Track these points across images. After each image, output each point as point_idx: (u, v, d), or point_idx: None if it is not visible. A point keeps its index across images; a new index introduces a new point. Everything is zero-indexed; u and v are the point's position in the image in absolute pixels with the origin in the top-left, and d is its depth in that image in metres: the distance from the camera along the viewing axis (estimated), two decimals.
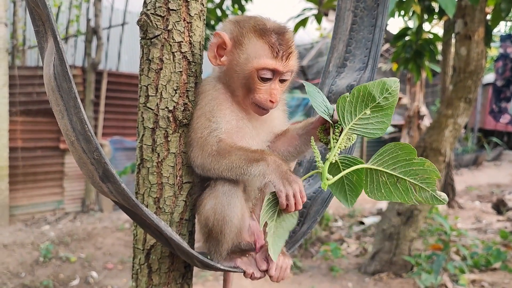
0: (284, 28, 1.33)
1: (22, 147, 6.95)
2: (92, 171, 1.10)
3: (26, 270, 5.02)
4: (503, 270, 4.97)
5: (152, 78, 1.32)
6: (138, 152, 1.38)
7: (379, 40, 1.66)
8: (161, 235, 1.21)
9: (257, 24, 1.30)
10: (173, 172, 1.35)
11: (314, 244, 6.04)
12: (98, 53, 7.36)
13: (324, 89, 1.70)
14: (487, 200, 9.14)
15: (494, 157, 15.23)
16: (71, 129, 1.06)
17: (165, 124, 1.33)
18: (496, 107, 7.54)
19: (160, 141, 1.34)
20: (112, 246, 5.99)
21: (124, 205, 1.15)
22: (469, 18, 4.44)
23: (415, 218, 4.87)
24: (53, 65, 1.09)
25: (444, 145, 4.77)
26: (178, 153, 1.36)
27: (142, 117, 1.35)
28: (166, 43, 1.30)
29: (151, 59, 1.31)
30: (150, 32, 1.29)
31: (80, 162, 1.13)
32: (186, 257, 1.28)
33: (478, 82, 4.68)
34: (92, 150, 1.05)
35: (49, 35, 1.11)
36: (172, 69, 1.32)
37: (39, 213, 7.22)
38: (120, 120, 8.07)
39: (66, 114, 1.07)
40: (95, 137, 1.04)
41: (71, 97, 1.04)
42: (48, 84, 1.12)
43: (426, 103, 11.98)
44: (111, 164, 4.44)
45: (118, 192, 1.10)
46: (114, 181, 1.08)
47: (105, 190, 1.13)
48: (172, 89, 1.32)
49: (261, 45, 1.27)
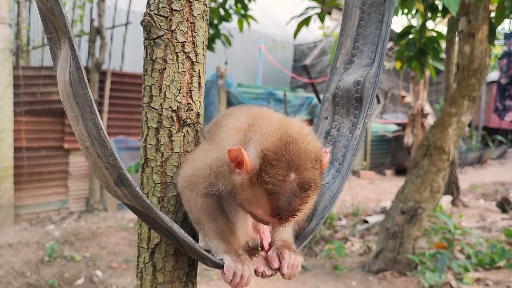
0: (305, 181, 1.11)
1: (27, 147, 6.99)
2: (106, 176, 1.11)
3: (31, 269, 5.05)
4: (507, 269, 4.96)
5: (156, 78, 1.33)
6: (142, 152, 1.39)
7: (386, 36, 1.67)
8: (172, 237, 1.22)
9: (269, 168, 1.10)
10: (177, 171, 1.37)
11: (318, 243, 6.04)
12: (101, 53, 7.38)
13: (331, 85, 1.71)
14: (491, 199, 9.12)
15: (499, 155, 15.18)
16: (86, 134, 1.08)
17: (169, 123, 1.34)
18: (501, 105, 7.51)
19: (164, 140, 1.35)
20: (116, 245, 6.01)
21: (137, 208, 1.16)
22: (472, 16, 4.42)
23: (419, 217, 4.86)
24: (68, 71, 1.11)
25: (448, 143, 4.76)
26: (182, 152, 1.37)
27: (146, 117, 1.36)
28: (169, 44, 1.31)
29: (154, 59, 1.32)
30: (154, 32, 1.30)
31: (95, 167, 1.14)
32: (198, 257, 1.29)
33: (482, 80, 4.66)
34: (108, 155, 1.07)
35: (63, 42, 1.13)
36: (175, 69, 1.33)
37: (44, 212, 7.26)
38: (124, 119, 8.09)
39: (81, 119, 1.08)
40: (111, 142, 1.06)
41: (87, 103, 1.06)
42: (63, 91, 1.14)
43: (430, 101, 11.94)
44: None
45: (132, 196, 1.11)
46: (129, 185, 1.09)
47: (119, 194, 1.14)
48: (175, 89, 1.33)
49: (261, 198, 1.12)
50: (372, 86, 1.59)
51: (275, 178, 1.08)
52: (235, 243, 1.27)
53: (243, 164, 1.12)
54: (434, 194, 4.87)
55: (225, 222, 1.28)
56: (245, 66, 13.48)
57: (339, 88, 1.69)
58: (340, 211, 7.88)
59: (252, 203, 1.15)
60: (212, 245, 1.28)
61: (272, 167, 1.09)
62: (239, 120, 1.28)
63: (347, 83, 1.67)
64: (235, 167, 1.15)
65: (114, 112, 7.90)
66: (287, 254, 1.30)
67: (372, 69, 1.64)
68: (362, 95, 1.63)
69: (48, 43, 1.21)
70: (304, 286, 4.68)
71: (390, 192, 9.43)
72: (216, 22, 6.10)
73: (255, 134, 1.18)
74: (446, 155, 4.80)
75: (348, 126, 1.66)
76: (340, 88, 1.68)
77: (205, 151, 1.30)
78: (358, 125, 1.63)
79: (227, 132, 1.27)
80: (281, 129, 1.15)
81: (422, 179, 4.85)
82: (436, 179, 4.83)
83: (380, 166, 13.08)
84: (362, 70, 1.67)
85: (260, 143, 1.13)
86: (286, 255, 1.29)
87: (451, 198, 8.19)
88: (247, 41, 13.13)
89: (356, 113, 1.66)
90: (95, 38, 7.49)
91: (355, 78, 1.66)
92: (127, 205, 1.20)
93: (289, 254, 1.30)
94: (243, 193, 1.16)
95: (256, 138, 1.16)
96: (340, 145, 1.65)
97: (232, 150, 1.12)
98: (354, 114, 1.66)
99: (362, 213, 7.69)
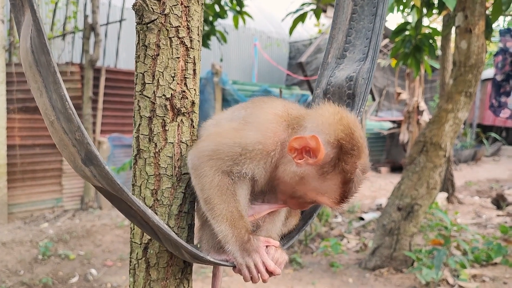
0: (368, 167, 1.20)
1: (20, 145, 6.91)
2: (74, 154, 1.02)
3: (25, 267, 4.99)
4: (504, 265, 4.96)
5: (149, 65, 1.27)
6: (134, 143, 1.33)
7: (380, 30, 1.62)
8: (147, 225, 1.15)
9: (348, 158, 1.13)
10: (171, 162, 1.31)
11: (314, 240, 6.01)
12: (96, 50, 7.31)
13: (322, 81, 1.66)
14: (486, 195, 9.14)
15: (493, 153, 15.25)
16: (51, 107, 0.99)
17: (163, 112, 1.28)
18: (496, 102, 7.51)
19: (158, 130, 1.29)
20: (111, 243, 5.96)
21: (109, 190, 1.08)
22: (469, 11, 4.41)
23: (416, 213, 4.85)
24: (30, 37, 1.01)
25: (444, 139, 4.75)
26: (177, 143, 1.31)
27: (139, 105, 1.30)
28: (163, 28, 1.25)
29: (147, 45, 1.26)
30: (146, 16, 1.24)
31: (61, 145, 1.05)
32: (174, 248, 1.22)
33: (479, 76, 4.65)
34: (74, 130, 0.97)
35: (26, 7, 1.02)
36: (169, 55, 1.27)
37: (38, 210, 7.19)
38: (119, 117, 8.02)
39: (45, 91, 0.99)
40: (77, 115, 0.96)
41: (50, 72, 0.95)
42: (25, 59, 1.05)
43: (425, 99, 11.96)
44: (110, 161, 4.42)
45: (102, 176, 1.03)
46: (97, 164, 1.00)
47: (88, 175, 1.05)
48: (169, 76, 1.28)
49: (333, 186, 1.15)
50: (366, 82, 1.54)
51: (353, 167, 1.13)
52: (242, 228, 1.22)
53: (315, 153, 1.13)
54: (430, 190, 4.85)
55: (235, 206, 1.23)
56: (241, 63, 13.42)
57: (331, 84, 1.64)
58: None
59: (318, 191, 1.15)
60: (219, 229, 1.22)
61: (350, 156, 1.12)
62: (276, 107, 1.27)
63: (339, 78, 1.62)
64: (297, 157, 1.15)
65: (108, 110, 7.84)
66: (273, 250, 1.26)
67: (366, 64, 1.59)
68: (355, 91, 1.58)
69: (12, 11, 1.10)
70: (301, 283, 4.65)
71: (386, 189, 9.43)
72: (211, 19, 6.05)
73: (312, 123, 1.18)
74: (443, 151, 4.78)
75: None
76: (332, 84, 1.64)
77: (236, 130, 1.25)
78: None
79: (268, 117, 1.24)
80: (340, 118, 1.18)
81: (418, 176, 4.83)
82: (432, 176, 4.82)
83: (375, 163, 13.09)
84: (355, 65, 1.63)
85: (327, 133, 1.15)
86: (272, 250, 1.25)
87: (447, 195, 8.20)
88: (242, 38, 13.07)
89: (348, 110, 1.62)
90: (89, 34, 7.42)
91: (347, 74, 1.61)
92: (98, 188, 1.11)
93: (275, 250, 1.26)
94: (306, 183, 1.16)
95: (318, 127, 1.17)
96: None
97: (299, 138, 1.13)
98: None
99: (358, 210, 7.67)
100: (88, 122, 7.28)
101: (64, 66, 7.33)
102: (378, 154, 13.49)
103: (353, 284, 4.66)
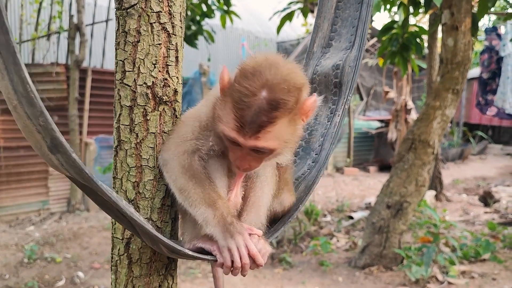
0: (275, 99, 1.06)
1: (4, 147, 6.79)
2: (39, 141, 0.97)
3: (10, 271, 4.89)
4: (492, 261, 4.98)
5: (129, 52, 1.22)
6: (115, 134, 1.28)
7: (367, 18, 1.59)
8: (124, 218, 1.10)
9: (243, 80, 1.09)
10: (153, 154, 1.26)
11: (303, 239, 5.99)
12: (81, 50, 7.21)
13: (308, 71, 1.62)
14: (473, 193, 9.22)
15: (479, 151, 15.40)
16: (13, 91, 0.92)
17: (144, 101, 1.23)
18: (483, 100, 7.58)
19: (139, 120, 1.24)
20: (98, 245, 5.87)
21: (79, 180, 1.03)
22: (456, 9, 4.42)
23: (405, 211, 4.85)
24: None
25: (432, 136, 4.76)
26: (159, 133, 1.27)
27: (119, 95, 1.25)
28: (143, 13, 1.21)
29: (127, 31, 1.22)
30: (126, 1, 1.19)
31: (26, 131, 0.99)
32: (151, 242, 1.17)
33: (465, 73, 4.67)
34: (37, 115, 0.92)
35: None
36: (150, 42, 1.22)
37: (24, 213, 7.05)
38: (106, 118, 7.92)
39: (6, 73, 0.92)
40: (40, 99, 0.90)
41: (10, 52, 0.89)
42: None
43: (412, 98, 12.02)
44: (96, 162, 4.32)
45: (69, 164, 0.97)
46: (64, 151, 0.94)
47: (55, 163, 1.00)
48: (150, 63, 1.23)
49: (228, 110, 1.10)
50: (353, 70, 1.51)
51: (245, 88, 1.07)
52: (224, 208, 1.18)
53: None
54: (419, 188, 4.85)
55: (211, 187, 1.20)
56: (228, 63, 13.31)
57: (317, 73, 1.60)
58: (325, 207, 7.85)
59: (220, 120, 1.12)
60: (198, 213, 1.17)
61: (246, 79, 1.08)
62: None
63: (325, 67, 1.59)
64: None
65: (95, 111, 7.73)
66: (256, 239, 1.20)
67: (352, 52, 1.56)
68: (342, 80, 1.54)
69: None
70: (291, 283, 4.61)
71: (374, 188, 9.45)
72: (199, 18, 6.00)
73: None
74: (431, 149, 4.79)
75: (326, 114, 1.58)
76: (318, 73, 1.60)
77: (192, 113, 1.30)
78: (338, 112, 1.54)
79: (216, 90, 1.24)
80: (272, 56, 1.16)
81: (407, 173, 4.83)
82: (421, 173, 4.82)
83: (363, 162, 13.11)
84: (341, 54, 1.59)
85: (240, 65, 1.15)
86: (255, 239, 1.20)
87: (435, 193, 8.24)
88: (230, 38, 13.03)
89: (335, 100, 1.57)
90: (74, 35, 7.31)
91: (333, 62, 1.58)
92: (68, 177, 1.06)
93: (258, 239, 1.21)
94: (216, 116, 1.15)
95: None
96: (317, 134, 1.57)
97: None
98: (333, 100, 1.57)
99: (347, 209, 7.67)
100: (74, 123, 7.17)
101: (49, 67, 7.22)
102: (367, 154, 13.52)
103: (343, 282, 4.64)
